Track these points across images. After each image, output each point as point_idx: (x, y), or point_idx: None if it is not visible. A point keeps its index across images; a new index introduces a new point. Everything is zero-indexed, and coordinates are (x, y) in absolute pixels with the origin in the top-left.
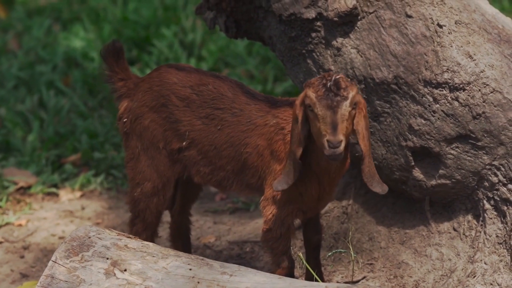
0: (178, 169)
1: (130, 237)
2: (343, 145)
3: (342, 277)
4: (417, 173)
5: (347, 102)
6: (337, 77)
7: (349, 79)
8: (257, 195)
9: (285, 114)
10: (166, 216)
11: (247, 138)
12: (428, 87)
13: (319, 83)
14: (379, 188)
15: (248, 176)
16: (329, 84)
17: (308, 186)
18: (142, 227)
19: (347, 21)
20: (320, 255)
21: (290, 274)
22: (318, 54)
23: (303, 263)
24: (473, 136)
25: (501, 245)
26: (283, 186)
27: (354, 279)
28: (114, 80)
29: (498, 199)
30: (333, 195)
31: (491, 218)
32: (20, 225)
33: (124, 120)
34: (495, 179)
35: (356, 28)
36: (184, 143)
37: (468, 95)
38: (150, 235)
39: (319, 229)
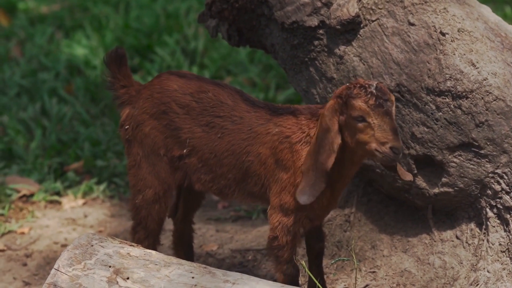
0: (179, 176)
1: (133, 245)
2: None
3: (345, 285)
4: (420, 181)
5: (394, 107)
6: (376, 83)
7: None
8: (259, 204)
9: (288, 123)
10: (169, 224)
11: (248, 146)
12: (431, 95)
13: (366, 92)
14: (408, 176)
15: (251, 185)
16: (375, 91)
17: (321, 194)
18: (144, 234)
19: (349, 29)
20: (322, 263)
21: (294, 282)
22: (320, 62)
23: (305, 271)
24: (476, 144)
25: (504, 253)
26: (310, 199)
27: (357, 287)
28: (116, 87)
29: (501, 207)
30: (338, 202)
31: (494, 226)
32: (22, 233)
33: (126, 127)
34: (498, 187)
35: (358, 36)
36: (184, 151)
37: (471, 103)
38: (152, 242)
39: (322, 237)
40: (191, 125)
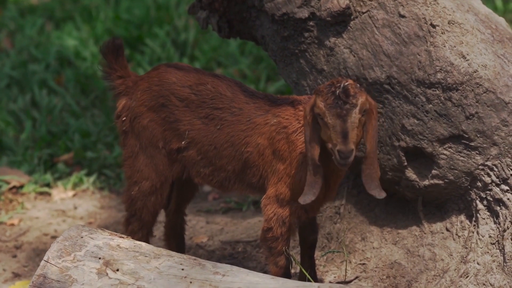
0: (177, 169)
1: (123, 237)
2: (354, 153)
3: (335, 277)
4: (410, 173)
5: (357, 110)
6: (346, 84)
7: (358, 85)
8: (259, 195)
9: (286, 113)
10: (160, 216)
11: (247, 138)
12: (421, 87)
13: (328, 91)
14: (377, 192)
15: (249, 176)
16: (338, 91)
17: None
18: (138, 226)
19: (340, 21)
20: (314, 254)
21: (286, 273)
22: (311, 54)
23: (296, 262)
24: (466, 136)
25: (494, 246)
26: (310, 197)
27: (347, 279)
28: (113, 77)
29: (491, 199)
30: (335, 194)
31: (484, 219)
32: (12, 224)
33: (123, 118)
34: (488, 180)
35: (349, 28)
36: (183, 143)
37: (461, 95)
38: (145, 234)
39: (316, 228)
40: (190, 117)
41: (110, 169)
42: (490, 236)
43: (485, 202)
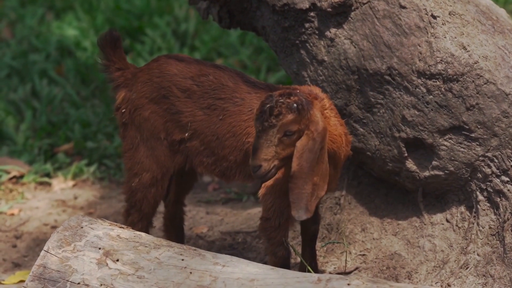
0: (179, 160)
1: (123, 227)
2: (263, 169)
3: (335, 268)
4: (410, 164)
5: (275, 130)
6: (280, 100)
7: (295, 105)
8: (259, 185)
9: None
10: (160, 206)
11: (248, 128)
12: (422, 78)
13: (264, 101)
14: (297, 213)
15: None
16: (267, 106)
17: None
18: (138, 217)
19: (340, 12)
20: (316, 245)
21: (286, 263)
22: (311, 44)
23: (296, 253)
24: (467, 127)
25: (494, 237)
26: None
27: (347, 270)
28: (111, 69)
29: (491, 190)
30: (335, 185)
31: (484, 210)
32: (12, 214)
33: (123, 110)
34: (488, 171)
35: (349, 18)
36: (186, 134)
37: (462, 86)
38: (145, 225)
39: (317, 219)
40: (192, 108)
41: (110, 159)
42: (490, 227)
43: (485, 193)
